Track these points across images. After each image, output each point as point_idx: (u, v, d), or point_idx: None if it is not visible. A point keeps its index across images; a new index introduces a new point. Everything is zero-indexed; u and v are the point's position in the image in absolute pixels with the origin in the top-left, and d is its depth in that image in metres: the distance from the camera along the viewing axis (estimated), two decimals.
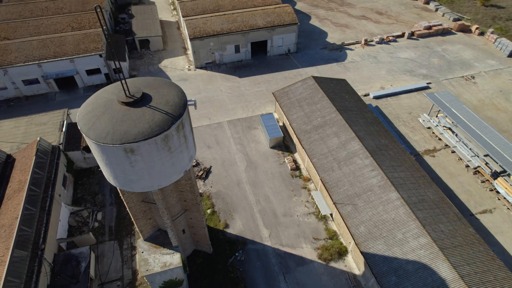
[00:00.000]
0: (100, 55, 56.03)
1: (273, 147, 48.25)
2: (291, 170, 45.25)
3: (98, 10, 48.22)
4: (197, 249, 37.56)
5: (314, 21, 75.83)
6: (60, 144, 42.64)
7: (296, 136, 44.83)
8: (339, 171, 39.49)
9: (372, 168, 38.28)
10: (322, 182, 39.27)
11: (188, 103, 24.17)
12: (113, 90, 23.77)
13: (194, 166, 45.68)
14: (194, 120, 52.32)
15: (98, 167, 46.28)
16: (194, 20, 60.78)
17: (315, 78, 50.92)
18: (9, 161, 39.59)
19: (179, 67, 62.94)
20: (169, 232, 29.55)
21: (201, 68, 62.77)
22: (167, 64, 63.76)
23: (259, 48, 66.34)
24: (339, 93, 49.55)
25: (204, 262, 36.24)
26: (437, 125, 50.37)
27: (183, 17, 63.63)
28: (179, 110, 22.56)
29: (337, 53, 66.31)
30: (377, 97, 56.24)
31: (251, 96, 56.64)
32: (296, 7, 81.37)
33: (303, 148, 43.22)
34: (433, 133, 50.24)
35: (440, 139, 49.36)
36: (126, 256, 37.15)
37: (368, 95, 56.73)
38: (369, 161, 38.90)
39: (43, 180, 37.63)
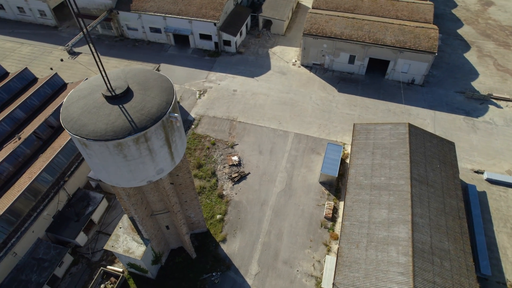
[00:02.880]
0: (214, 24, 57.15)
1: (322, 183, 41.92)
2: (324, 217, 38.72)
3: None
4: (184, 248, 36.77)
5: (470, 55, 59.79)
6: None
7: (347, 184, 37.50)
8: (363, 252, 31.55)
9: (403, 272, 29.14)
10: (338, 251, 32.28)
11: (170, 116, 21.77)
12: (118, 76, 23.03)
13: (235, 165, 43.73)
14: (264, 119, 49.35)
15: None
16: (317, 15, 55.28)
17: (411, 127, 40.69)
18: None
19: (285, 58, 59.46)
20: (138, 225, 29.16)
21: (306, 66, 57.85)
22: (277, 51, 60.97)
23: (377, 66, 56.72)
24: (431, 158, 38.52)
25: (181, 264, 35.27)
26: None
27: (312, 7, 58.67)
28: (146, 122, 20.47)
29: (476, 104, 51.25)
30: (492, 181, 41.83)
31: (338, 116, 49.62)
32: (460, 31, 65.37)
33: (345, 202, 36.01)
34: None
35: None
36: None
37: (481, 173, 42.68)
38: (405, 262, 29.65)
39: None
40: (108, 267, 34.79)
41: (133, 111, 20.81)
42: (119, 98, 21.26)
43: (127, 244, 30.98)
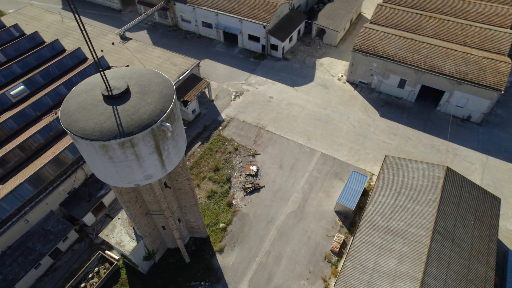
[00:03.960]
0: (264, 26, 55.84)
1: (338, 212, 38.99)
2: (331, 250, 35.95)
3: None
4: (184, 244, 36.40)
5: None
6: None
7: (360, 221, 34.34)
8: None
9: None
10: None
11: (162, 125, 21.08)
12: (122, 75, 22.90)
13: (251, 175, 42.42)
14: (293, 132, 47.20)
15: (184, 123, 49.31)
16: (372, 31, 51.33)
17: (449, 172, 36.06)
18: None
19: (332, 71, 56.34)
20: (131, 221, 29.24)
21: (351, 83, 54.26)
22: (324, 63, 58.03)
23: (430, 95, 51.30)
24: (465, 212, 33.74)
25: (173, 265, 35.06)
26: None
27: (370, 22, 54.73)
28: (134, 128, 20.00)
29: None
30: None
31: (373, 143, 45.81)
32: None
33: (353, 241, 33.01)
34: None
35: None
36: None
37: None
38: None
39: None
40: (107, 252, 35.75)
41: (125, 114, 20.45)
42: (115, 98, 21.03)
43: (120, 236, 31.39)
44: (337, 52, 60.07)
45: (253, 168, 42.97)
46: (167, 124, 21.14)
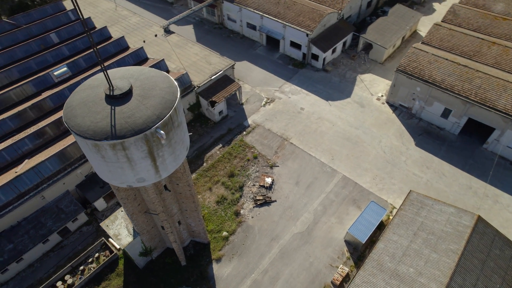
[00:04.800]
0: (307, 35, 53.87)
1: (347, 242, 36.49)
2: (331, 282, 33.70)
3: None
4: (184, 246, 36.22)
5: None
6: (198, 85, 46.97)
7: (366, 258, 31.71)
8: None
9: None
10: None
11: (157, 132, 20.61)
12: (130, 76, 22.72)
13: (265, 187, 41.13)
14: (318, 148, 45.01)
15: (210, 123, 49.09)
16: (421, 52, 47.29)
17: (480, 222, 32.08)
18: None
19: (372, 89, 52.99)
20: (129, 219, 29.40)
21: (390, 105, 50.59)
22: (365, 79, 54.78)
23: (477, 129, 46.22)
24: (491, 272, 29.73)
25: (168, 265, 34.96)
26: None
27: (421, 42, 50.57)
28: (126, 132, 19.77)
29: None
30: None
31: (401, 174, 42.31)
32: None
33: (353, 279, 30.56)
34: None
35: None
36: None
37: None
38: None
39: None
40: (110, 240, 36.59)
41: (120, 117, 20.26)
42: (115, 98, 20.93)
43: (119, 229, 31.83)
44: (381, 69, 56.43)
45: (268, 180, 41.64)
46: (162, 132, 20.61)
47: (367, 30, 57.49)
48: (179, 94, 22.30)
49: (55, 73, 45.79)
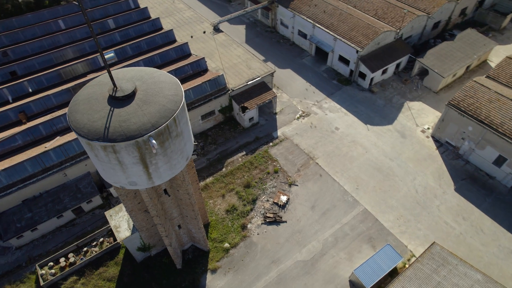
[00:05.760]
0: (357, 51, 50.57)
1: (351, 282, 33.57)
2: None
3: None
4: (184, 249, 35.96)
5: None
6: (232, 89, 46.23)
7: None
8: None
9: None
10: None
11: (149, 141, 20.08)
12: (137, 78, 22.33)
13: (278, 205, 39.38)
14: (344, 174, 42.06)
15: (238, 127, 48.18)
16: (481, 87, 41.94)
17: None
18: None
19: (418, 120, 48.33)
20: (129, 215, 29.54)
21: (435, 140, 45.72)
22: (414, 107, 50.07)
23: None
24: None
25: (164, 266, 34.84)
26: None
27: (486, 76, 44.95)
28: (117, 136, 19.53)
29: None
30: None
31: (431, 219, 37.98)
32: None
33: None
34: None
35: None
36: None
37: None
38: None
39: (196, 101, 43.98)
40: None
41: (116, 119, 20.00)
42: (116, 100, 20.74)
43: (121, 221, 32.27)
44: (434, 99, 51.29)
45: (284, 198, 39.84)
46: (153, 141, 20.01)
47: (426, 54, 52.54)
48: (182, 104, 21.54)
49: None
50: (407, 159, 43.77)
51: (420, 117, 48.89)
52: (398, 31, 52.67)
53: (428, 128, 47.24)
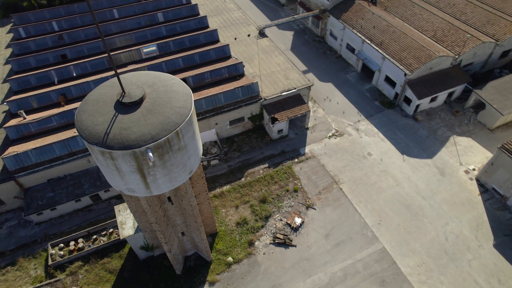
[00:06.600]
0: (405, 74, 46.67)
1: None
2: None
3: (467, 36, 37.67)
4: (187, 256, 35.49)
5: None
6: (265, 97, 44.80)
7: None
8: None
9: None
10: None
11: (148, 152, 19.44)
12: (149, 85, 21.68)
13: (290, 227, 37.45)
14: (367, 205, 39.00)
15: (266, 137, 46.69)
16: None
17: None
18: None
19: (463, 158, 43.45)
20: (133, 215, 29.45)
21: (480, 185, 40.76)
22: (461, 143, 45.16)
23: None
24: None
25: (164, 268, 34.55)
26: None
27: None
28: (115, 144, 19.18)
29: None
30: None
31: (458, 274, 33.76)
32: None
33: None
34: None
35: None
36: None
37: None
38: None
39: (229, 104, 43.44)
40: None
41: (118, 126, 19.57)
42: (122, 105, 20.32)
43: (127, 218, 32.39)
44: (487, 137, 45.90)
45: (298, 220, 37.85)
46: (150, 154, 19.32)
47: (487, 85, 47.16)
48: (188, 118, 20.61)
49: (144, 50, 48.87)
50: (442, 201, 39.55)
51: (466, 155, 44.01)
52: (457, 57, 47.78)
53: (474, 169, 42.36)
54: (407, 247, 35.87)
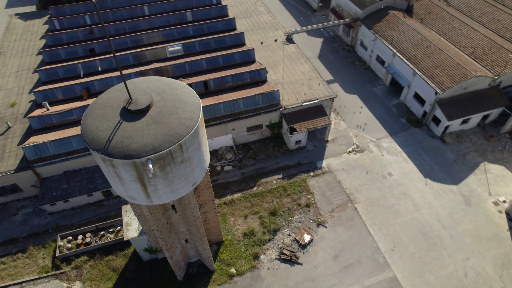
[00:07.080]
0: (436, 93, 43.96)
1: None
2: None
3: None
4: (190, 262, 35.03)
5: None
6: (285, 106, 43.58)
7: None
8: None
9: None
10: None
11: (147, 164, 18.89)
12: (158, 93, 21.06)
13: (299, 243, 36.09)
14: (382, 229, 36.98)
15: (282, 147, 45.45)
16: None
17: None
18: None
19: (493, 188, 40.35)
20: (137, 218, 29.22)
21: (510, 220, 37.65)
22: (492, 171, 41.99)
23: None
24: None
25: (167, 273, 34.21)
26: None
27: None
28: (116, 152, 18.84)
29: None
30: None
31: None
32: None
33: None
34: None
35: None
36: None
37: None
38: None
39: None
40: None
41: (121, 134, 19.14)
42: (128, 112, 19.87)
43: (133, 219, 32.25)
44: None
45: (307, 237, 36.46)
46: (150, 166, 18.74)
47: None
48: (194, 130, 19.88)
49: (169, 49, 48.85)
50: (465, 232, 36.87)
51: (497, 184, 40.89)
52: (496, 77, 44.50)
53: (504, 201, 39.25)
54: (421, 279, 33.65)
